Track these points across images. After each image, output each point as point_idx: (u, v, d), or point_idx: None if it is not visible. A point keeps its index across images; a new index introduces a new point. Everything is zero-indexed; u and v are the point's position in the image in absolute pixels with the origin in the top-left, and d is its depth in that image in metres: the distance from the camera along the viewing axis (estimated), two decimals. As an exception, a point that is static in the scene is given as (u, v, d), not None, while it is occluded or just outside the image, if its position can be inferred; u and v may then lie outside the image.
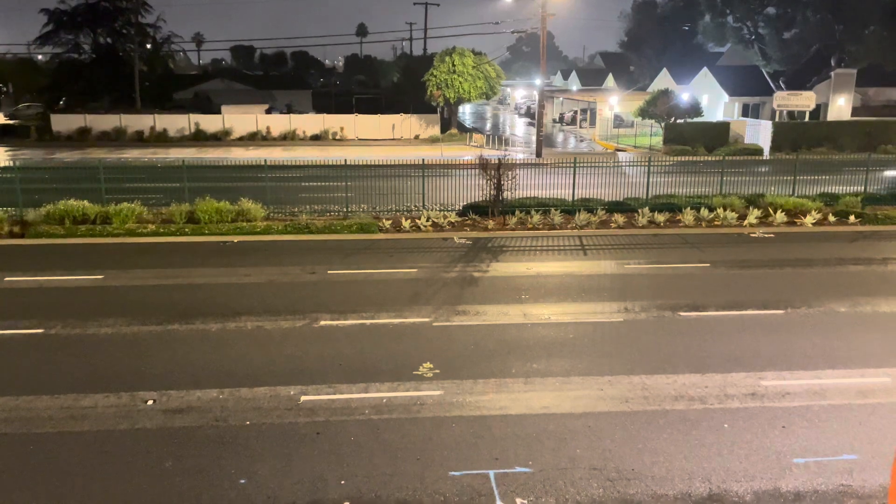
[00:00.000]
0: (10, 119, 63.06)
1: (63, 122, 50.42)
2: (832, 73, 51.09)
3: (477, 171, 23.45)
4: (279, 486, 8.55)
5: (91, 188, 23.25)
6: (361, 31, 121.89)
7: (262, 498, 8.33)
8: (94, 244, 20.40)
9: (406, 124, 51.69)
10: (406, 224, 21.98)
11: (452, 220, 22.48)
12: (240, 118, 50.87)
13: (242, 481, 8.65)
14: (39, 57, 77.35)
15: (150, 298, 15.39)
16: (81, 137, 49.37)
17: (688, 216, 22.74)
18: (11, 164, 25.00)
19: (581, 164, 24.62)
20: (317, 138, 50.48)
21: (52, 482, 8.65)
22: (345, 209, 23.59)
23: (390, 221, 22.32)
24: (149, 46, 63.34)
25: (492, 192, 22.87)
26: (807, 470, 8.93)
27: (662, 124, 45.71)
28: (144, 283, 16.54)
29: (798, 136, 42.58)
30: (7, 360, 12.18)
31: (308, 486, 8.57)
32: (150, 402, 10.60)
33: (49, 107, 58.53)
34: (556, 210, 22.89)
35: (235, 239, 20.92)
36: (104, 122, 50.37)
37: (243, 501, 8.28)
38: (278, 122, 51.43)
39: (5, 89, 79.31)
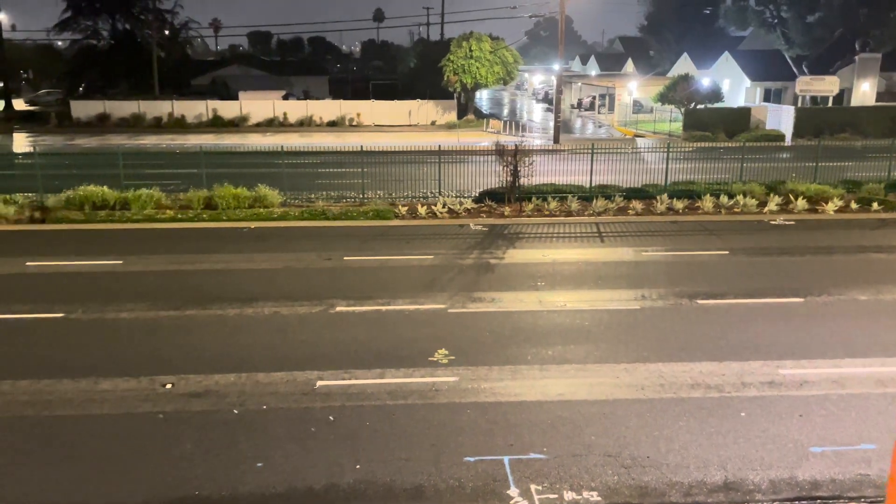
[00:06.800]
0: (31, 105, 63.70)
1: (82, 109, 50.86)
2: (856, 58, 50.16)
3: (493, 157, 23.35)
4: (295, 470, 8.63)
5: (110, 174, 23.44)
6: (378, 16, 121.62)
7: (279, 481, 8.42)
8: (114, 230, 20.60)
9: (423, 110, 51.52)
10: (422, 210, 21.96)
11: (469, 207, 22.42)
12: (257, 104, 50.96)
13: (259, 465, 8.74)
14: (59, 43, 77.98)
15: (169, 284, 15.54)
16: (100, 123, 49.80)
17: (707, 203, 22.50)
18: (32, 150, 25.23)
19: (599, 151, 24.41)
20: (333, 124, 50.49)
21: (72, 464, 8.79)
22: (361, 195, 23.61)
23: (406, 208, 22.31)
24: (166, 32, 63.53)
25: (508, 179, 22.76)
26: (824, 459, 8.86)
27: (682, 110, 45.16)
28: (163, 268, 16.70)
29: (821, 121, 41.90)
30: (29, 343, 12.37)
31: (324, 470, 8.64)
32: (169, 386, 10.72)
33: (69, 93, 58.99)
34: (573, 197, 22.75)
35: (252, 225, 21.04)
36: (123, 108, 50.72)
37: (260, 485, 8.37)
38: (295, 109, 51.48)
39: (26, 76, 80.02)
